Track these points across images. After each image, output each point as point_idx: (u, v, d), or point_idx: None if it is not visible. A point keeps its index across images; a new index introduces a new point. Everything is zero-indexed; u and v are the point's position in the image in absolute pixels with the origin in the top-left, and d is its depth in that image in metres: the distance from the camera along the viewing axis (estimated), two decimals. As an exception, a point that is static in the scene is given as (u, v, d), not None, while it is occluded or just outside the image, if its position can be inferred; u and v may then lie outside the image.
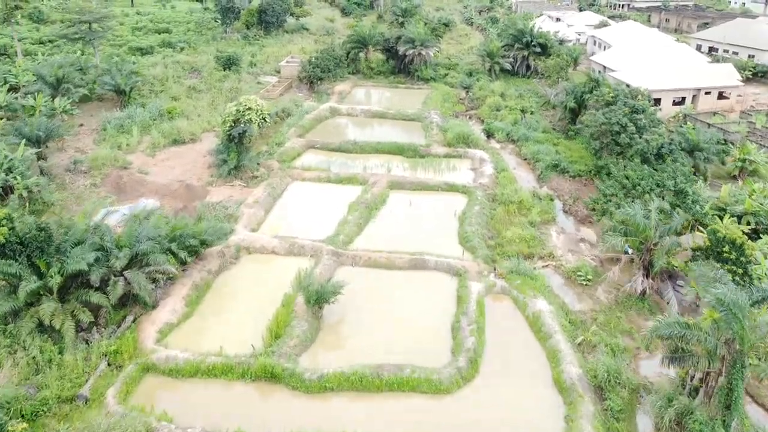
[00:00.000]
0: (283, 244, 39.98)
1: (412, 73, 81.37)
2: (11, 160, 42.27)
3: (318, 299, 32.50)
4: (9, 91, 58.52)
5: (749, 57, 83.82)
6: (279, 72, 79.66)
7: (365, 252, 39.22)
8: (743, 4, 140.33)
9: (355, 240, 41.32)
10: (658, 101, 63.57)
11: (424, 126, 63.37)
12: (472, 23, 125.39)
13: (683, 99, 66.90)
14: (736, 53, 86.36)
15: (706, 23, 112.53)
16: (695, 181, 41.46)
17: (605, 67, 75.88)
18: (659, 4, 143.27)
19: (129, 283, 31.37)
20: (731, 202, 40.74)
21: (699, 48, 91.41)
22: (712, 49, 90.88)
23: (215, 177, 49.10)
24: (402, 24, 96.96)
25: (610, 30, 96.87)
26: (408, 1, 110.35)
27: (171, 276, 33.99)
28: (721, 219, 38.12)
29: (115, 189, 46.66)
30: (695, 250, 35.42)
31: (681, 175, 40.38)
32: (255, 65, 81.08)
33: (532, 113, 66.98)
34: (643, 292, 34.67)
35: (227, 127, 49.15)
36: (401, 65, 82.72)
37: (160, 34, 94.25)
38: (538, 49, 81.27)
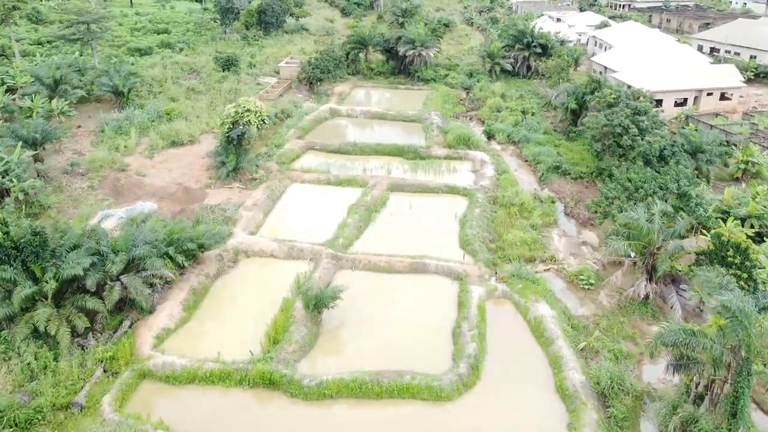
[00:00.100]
0: (282, 247, 39.59)
1: (412, 74, 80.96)
2: (7, 162, 41.89)
3: (317, 304, 32.11)
4: (6, 93, 58.13)
5: (751, 58, 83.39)
6: (278, 73, 79.26)
7: (365, 255, 38.81)
8: (744, 4, 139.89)
9: (355, 243, 40.93)
10: (659, 102, 63.18)
11: (424, 127, 62.99)
12: (472, 23, 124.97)
13: (685, 100, 66.50)
14: (737, 54, 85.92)
15: (707, 24, 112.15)
16: (698, 184, 41.00)
17: (606, 68, 75.49)
18: (660, 4, 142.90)
19: (125, 288, 30.94)
20: (734, 205, 40.36)
21: (700, 49, 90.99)
22: (713, 50, 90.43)
23: (214, 179, 48.70)
24: (402, 24, 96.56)
25: (611, 30, 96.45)
26: (408, 2, 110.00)
27: (168, 280, 33.59)
28: (725, 222, 37.76)
29: (113, 191, 46.25)
30: (699, 254, 35.01)
31: (684, 178, 39.93)
32: (254, 66, 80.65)
33: (533, 114, 66.53)
34: (646, 296, 34.26)
35: (226, 129, 48.79)
36: (401, 66, 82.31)
37: (159, 34, 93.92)
38: (538, 50, 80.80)
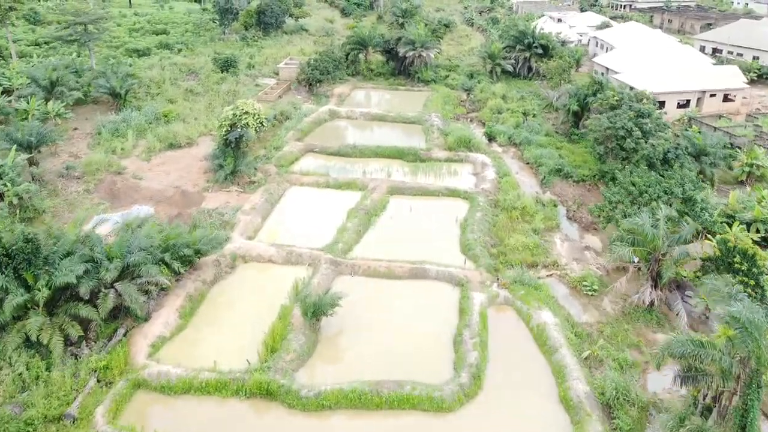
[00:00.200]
0: (281, 252, 38.95)
1: (412, 75, 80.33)
2: (1, 166, 41.22)
3: (315, 312, 31.45)
4: (2, 94, 57.49)
5: (754, 58, 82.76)
6: (277, 74, 78.63)
7: (364, 261, 38.17)
8: (746, 4, 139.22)
9: (354, 248, 40.27)
10: (662, 104, 62.54)
11: (424, 129, 62.35)
12: (472, 24, 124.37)
13: (688, 102, 65.88)
14: (740, 55, 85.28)
15: (709, 24, 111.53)
16: (703, 188, 40.34)
17: (608, 69, 74.85)
18: (661, 4, 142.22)
19: (120, 296, 30.28)
20: (740, 209, 39.69)
21: (703, 49, 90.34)
22: (715, 51, 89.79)
23: (211, 182, 48.05)
24: (402, 25, 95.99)
25: (612, 31, 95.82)
26: (408, 2, 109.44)
27: (164, 287, 32.96)
28: (730, 227, 37.11)
29: (109, 195, 45.60)
30: (705, 260, 34.34)
31: (689, 182, 39.27)
32: (253, 67, 80.00)
33: (534, 116, 65.87)
34: (651, 303, 33.58)
35: (223, 132, 48.15)
36: (401, 67, 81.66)
37: (157, 35, 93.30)
38: (539, 51, 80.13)
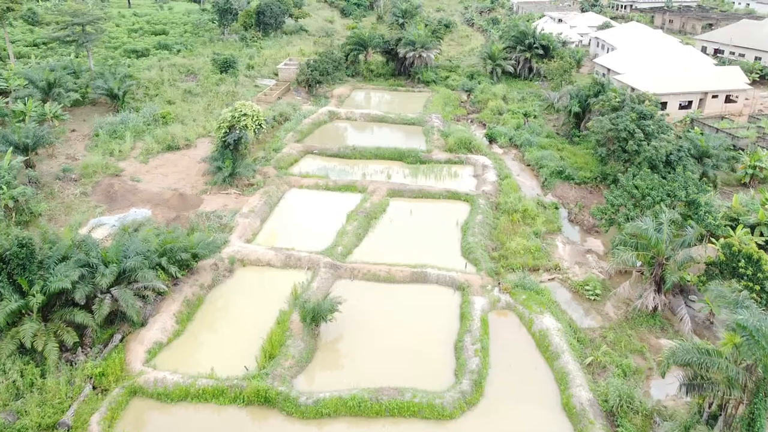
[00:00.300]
0: (279, 255, 38.50)
1: (412, 76, 79.97)
2: (-3, 168, 40.79)
3: (314, 317, 31.00)
4: (-1, 96, 57.12)
5: (756, 59, 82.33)
6: (277, 75, 78.23)
7: (364, 264, 37.73)
8: (747, 4, 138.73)
9: (354, 251, 39.86)
10: (664, 105, 62.05)
11: (424, 130, 61.94)
12: (473, 24, 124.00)
13: (690, 103, 65.44)
14: (742, 55, 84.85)
15: (710, 24, 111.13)
16: (707, 191, 39.84)
17: (609, 70, 74.40)
18: (662, 4, 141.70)
19: (116, 301, 29.86)
20: (743, 212, 39.25)
21: (704, 50, 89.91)
22: (717, 51, 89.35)
23: (210, 185, 47.61)
24: (402, 25, 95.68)
25: (613, 31, 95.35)
26: (408, 2, 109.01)
27: (161, 292, 32.50)
28: (734, 230, 36.68)
29: (106, 198, 45.13)
30: (709, 264, 33.89)
31: (693, 185, 38.77)
32: (252, 68, 79.57)
33: (535, 117, 65.43)
34: (655, 308, 33.14)
35: (222, 134, 47.71)
36: (401, 68, 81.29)
37: (156, 35, 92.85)
38: (540, 51, 79.76)
